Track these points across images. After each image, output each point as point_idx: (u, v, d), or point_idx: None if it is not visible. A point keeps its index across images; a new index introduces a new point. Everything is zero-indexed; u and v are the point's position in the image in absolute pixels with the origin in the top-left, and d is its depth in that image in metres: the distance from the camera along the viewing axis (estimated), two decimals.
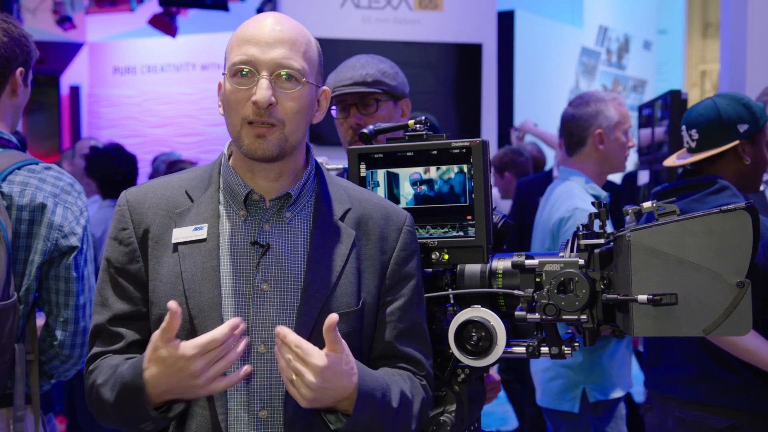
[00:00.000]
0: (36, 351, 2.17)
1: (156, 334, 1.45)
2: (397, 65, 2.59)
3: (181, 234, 1.59)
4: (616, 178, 5.74)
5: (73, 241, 2.16)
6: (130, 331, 1.61)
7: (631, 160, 4.74)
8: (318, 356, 1.43)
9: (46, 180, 2.16)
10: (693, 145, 2.68)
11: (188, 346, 1.43)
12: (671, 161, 2.89)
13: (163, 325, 1.44)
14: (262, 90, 1.51)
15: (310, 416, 1.54)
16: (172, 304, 1.42)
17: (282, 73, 1.54)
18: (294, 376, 1.44)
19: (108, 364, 1.58)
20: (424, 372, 1.67)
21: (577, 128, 3.27)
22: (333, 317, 1.43)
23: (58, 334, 2.17)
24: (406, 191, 1.82)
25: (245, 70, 1.54)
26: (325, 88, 1.67)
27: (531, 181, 5.21)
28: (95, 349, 1.63)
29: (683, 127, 2.74)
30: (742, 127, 2.61)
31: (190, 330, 1.53)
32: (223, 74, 1.59)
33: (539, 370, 3.33)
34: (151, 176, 6.65)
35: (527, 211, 4.86)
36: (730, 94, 2.74)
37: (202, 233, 1.58)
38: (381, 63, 2.53)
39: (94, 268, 2.27)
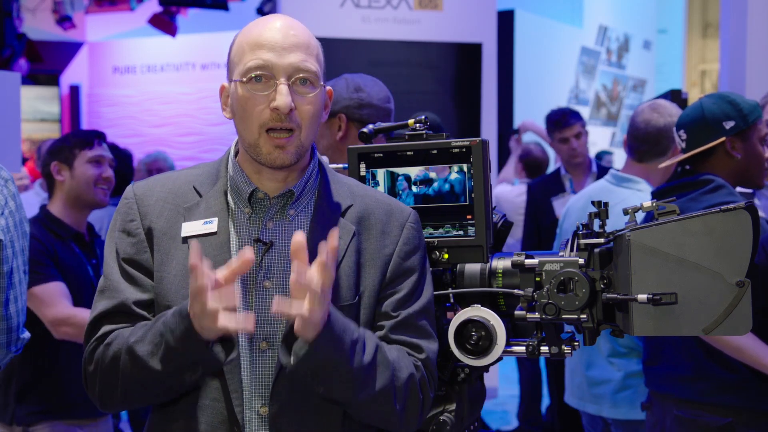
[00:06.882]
0: None
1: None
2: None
3: (190, 228, 1.60)
4: None
5: None
6: (144, 313, 1.58)
7: None
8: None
9: None
10: (683, 145, 2.73)
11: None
12: (664, 163, 2.91)
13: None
14: (283, 96, 1.51)
15: (293, 412, 1.54)
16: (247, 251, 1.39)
17: (299, 78, 1.54)
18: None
19: (137, 326, 1.53)
20: (422, 355, 1.62)
21: (666, 138, 3.23)
22: (297, 237, 1.39)
23: None
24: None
25: (261, 75, 1.53)
26: (328, 88, 1.68)
27: (542, 182, 5.19)
28: (106, 328, 1.57)
29: (674, 130, 2.80)
30: (728, 124, 2.63)
31: None
32: (233, 80, 1.58)
33: (598, 383, 3.29)
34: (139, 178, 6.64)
35: (541, 212, 4.85)
36: (718, 93, 2.76)
37: (213, 227, 1.59)
38: None
39: (23, 260, 2.06)
